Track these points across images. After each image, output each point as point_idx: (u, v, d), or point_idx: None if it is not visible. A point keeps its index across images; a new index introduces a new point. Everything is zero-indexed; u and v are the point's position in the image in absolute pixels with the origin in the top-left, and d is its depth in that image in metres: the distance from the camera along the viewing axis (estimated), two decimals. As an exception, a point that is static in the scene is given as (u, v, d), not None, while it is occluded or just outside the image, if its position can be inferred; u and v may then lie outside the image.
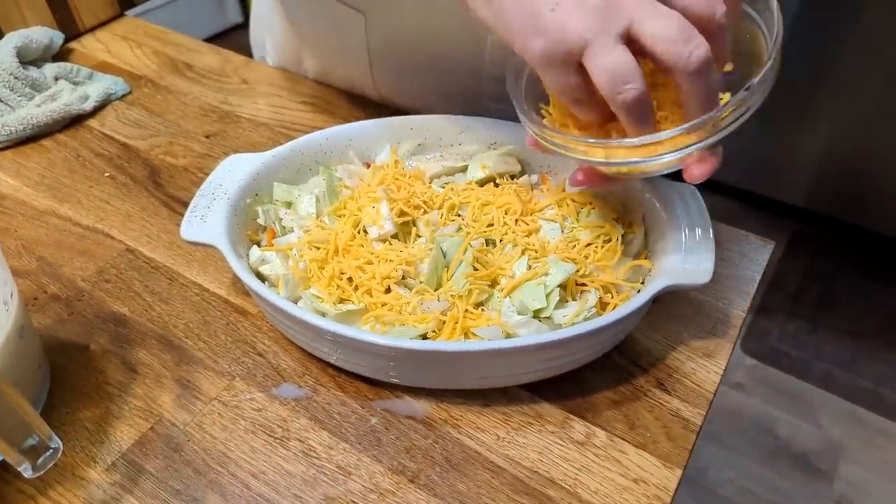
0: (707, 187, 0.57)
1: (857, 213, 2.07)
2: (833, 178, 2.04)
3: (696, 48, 0.44)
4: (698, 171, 0.49)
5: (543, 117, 0.56)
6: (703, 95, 0.46)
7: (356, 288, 0.54)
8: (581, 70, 0.46)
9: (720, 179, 2.20)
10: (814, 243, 2.13)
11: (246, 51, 0.99)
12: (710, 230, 0.55)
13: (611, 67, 0.44)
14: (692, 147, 0.46)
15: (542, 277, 0.53)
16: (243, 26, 0.87)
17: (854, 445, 1.63)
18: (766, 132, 1.97)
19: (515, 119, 0.66)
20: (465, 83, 0.76)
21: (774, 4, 0.48)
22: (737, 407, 1.71)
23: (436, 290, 0.54)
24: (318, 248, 0.57)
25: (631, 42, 0.45)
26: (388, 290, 0.55)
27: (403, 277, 0.55)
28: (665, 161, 0.47)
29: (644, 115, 0.47)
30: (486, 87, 0.76)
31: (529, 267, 0.55)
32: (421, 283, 0.54)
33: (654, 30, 0.44)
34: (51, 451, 0.43)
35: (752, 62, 0.49)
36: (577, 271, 0.55)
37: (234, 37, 0.91)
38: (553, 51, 0.46)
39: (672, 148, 0.46)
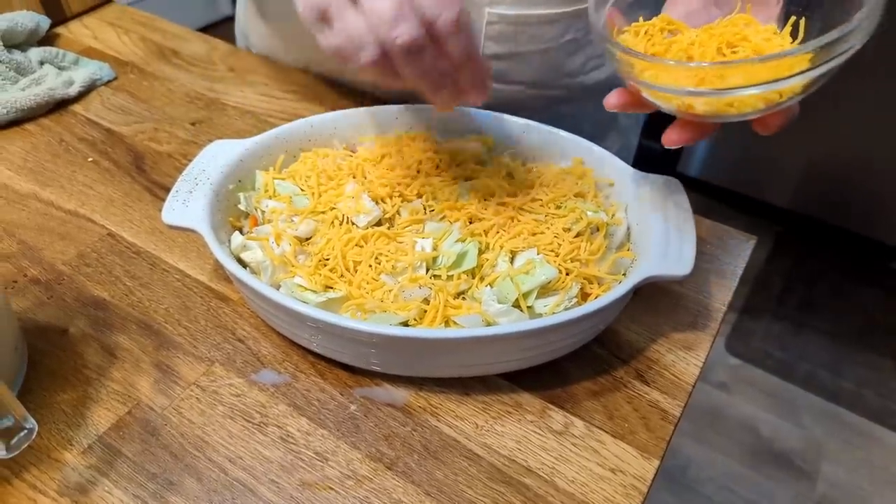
0: (693, 187, 0.57)
1: (842, 215, 2.08)
2: (818, 180, 2.05)
3: (401, 35, 0.46)
4: (775, 122, 0.46)
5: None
6: (417, 76, 0.50)
7: (342, 274, 0.54)
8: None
9: (706, 179, 2.21)
10: (798, 245, 2.14)
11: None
12: (692, 222, 0.56)
13: (346, 33, 0.48)
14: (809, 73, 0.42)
15: (524, 276, 0.53)
16: (234, 18, 0.86)
17: (836, 446, 1.65)
18: (752, 134, 1.97)
19: (497, 110, 0.66)
20: None
21: None
22: (720, 406, 1.72)
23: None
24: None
25: None
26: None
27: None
28: (750, 93, 0.44)
29: (384, 71, 0.50)
30: None
31: (511, 261, 0.55)
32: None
33: (371, 6, 0.47)
34: (25, 431, 0.43)
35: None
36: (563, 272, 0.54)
37: (224, 29, 0.90)
38: (307, 14, 0.50)
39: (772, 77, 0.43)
